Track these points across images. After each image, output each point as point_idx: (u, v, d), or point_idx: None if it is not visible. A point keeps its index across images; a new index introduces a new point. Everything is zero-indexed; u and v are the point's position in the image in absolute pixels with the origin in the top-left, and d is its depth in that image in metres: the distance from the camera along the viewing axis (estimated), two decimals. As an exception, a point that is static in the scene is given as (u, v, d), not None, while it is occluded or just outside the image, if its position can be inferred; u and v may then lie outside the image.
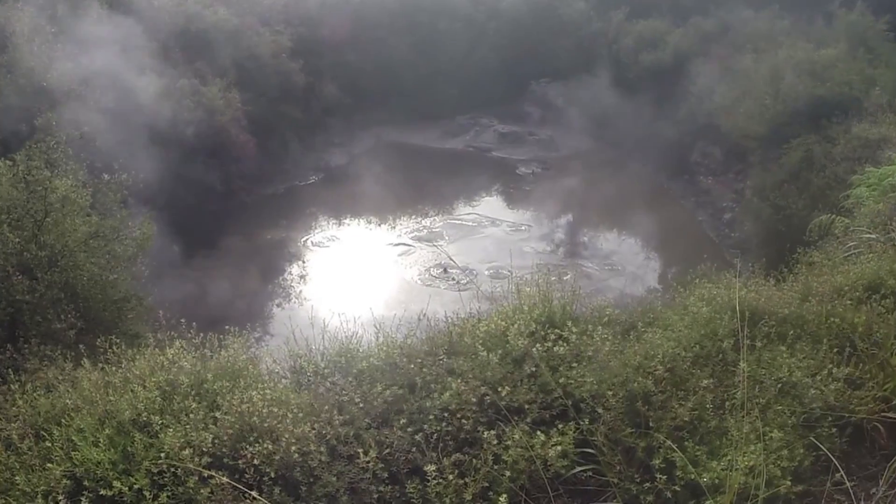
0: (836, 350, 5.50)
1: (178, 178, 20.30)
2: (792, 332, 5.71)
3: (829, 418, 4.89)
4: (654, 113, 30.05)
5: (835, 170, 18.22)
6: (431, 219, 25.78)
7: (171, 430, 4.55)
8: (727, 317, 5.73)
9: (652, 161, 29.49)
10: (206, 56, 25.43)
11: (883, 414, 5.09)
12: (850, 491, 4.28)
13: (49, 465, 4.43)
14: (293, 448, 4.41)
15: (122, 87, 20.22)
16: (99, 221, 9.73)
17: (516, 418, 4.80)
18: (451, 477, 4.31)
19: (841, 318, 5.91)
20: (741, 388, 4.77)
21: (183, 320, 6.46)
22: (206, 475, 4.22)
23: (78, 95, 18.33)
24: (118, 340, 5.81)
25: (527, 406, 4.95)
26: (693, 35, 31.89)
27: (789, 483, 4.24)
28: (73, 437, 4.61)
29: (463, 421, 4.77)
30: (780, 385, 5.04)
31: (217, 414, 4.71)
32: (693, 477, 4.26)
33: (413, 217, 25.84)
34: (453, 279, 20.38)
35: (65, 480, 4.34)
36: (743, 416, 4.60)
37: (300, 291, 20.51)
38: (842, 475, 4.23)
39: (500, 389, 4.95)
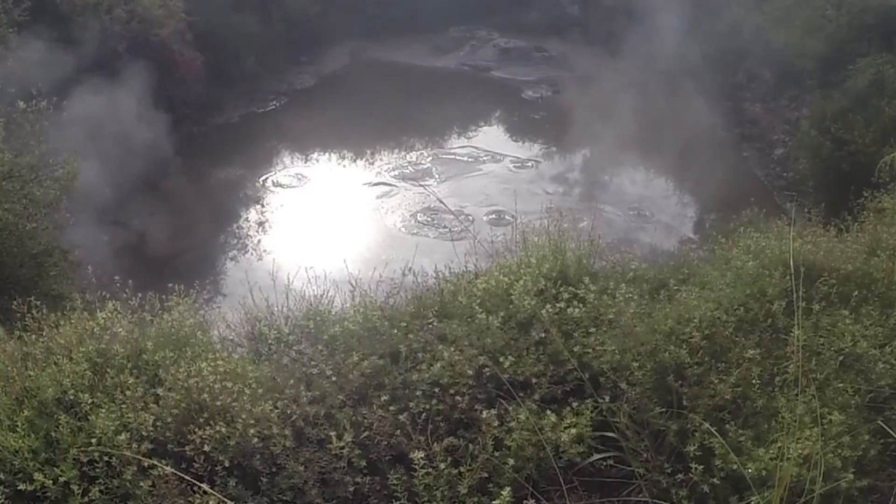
0: (909, 316, 5.51)
1: (110, 106, 20.09)
2: (856, 293, 5.70)
3: (900, 398, 4.91)
4: (689, 24, 29.72)
5: (911, 97, 18.15)
6: (418, 153, 25.64)
7: (104, 410, 4.54)
8: (778, 274, 5.72)
9: (686, 84, 29.26)
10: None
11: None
12: (926, 486, 4.31)
13: (-44, 454, 4.42)
14: (251, 431, 4.42)
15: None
16: (13, 159, 9.64)
17: (521, 395, 4.81)
18: (442, 466, 4.32)
19: (916, 276, 5.91)
20: (795, 360, 4.77)
21: (117, 278, 6.47)
22: (146, 465, 4.22)
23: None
24: (38, 303, 5.76)
25: (534, 380, 4.96)
26: (739, -73, 31.46)
27: (852, 476, 4.25)
28: (-15, 421, 4.59)
29: (457, 398, 4.78)
30: (841, 357, 5.06)
31: (159, 391, 4.71)
32: (735, 467, 4.28)
33: (396, 151, 25.70)
34: (445, 226, 20.33)
35: (-25, 472, 4.34)
36: (796, 395, 4.60)
37: (259, 242, 20.47)
38: (915, 467, 4.25)
39: (501, 360, 4.95)
